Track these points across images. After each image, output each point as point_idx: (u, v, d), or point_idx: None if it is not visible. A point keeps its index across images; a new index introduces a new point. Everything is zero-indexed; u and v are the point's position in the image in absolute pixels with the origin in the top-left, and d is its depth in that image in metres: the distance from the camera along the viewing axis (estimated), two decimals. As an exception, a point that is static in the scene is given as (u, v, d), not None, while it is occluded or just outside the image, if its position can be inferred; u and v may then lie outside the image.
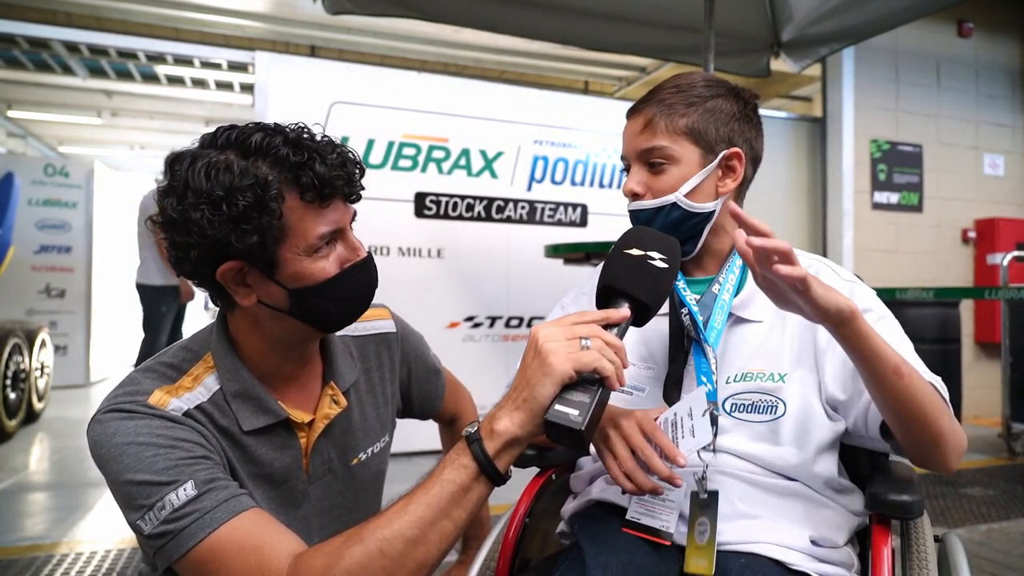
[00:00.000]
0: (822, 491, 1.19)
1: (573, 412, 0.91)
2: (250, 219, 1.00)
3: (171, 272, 5.36)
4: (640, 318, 1.05)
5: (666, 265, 1.07)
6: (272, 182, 1.01)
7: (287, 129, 1.07)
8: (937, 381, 1.14)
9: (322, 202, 1.05)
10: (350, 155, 1.10)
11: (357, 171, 1.10)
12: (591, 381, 0.94)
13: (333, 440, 1.24)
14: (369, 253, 1.15)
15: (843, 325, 1.00)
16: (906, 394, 1.05)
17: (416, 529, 0.92)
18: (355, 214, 1.14)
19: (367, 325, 1.37)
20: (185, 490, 0.97)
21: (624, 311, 1.02)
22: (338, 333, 1.29)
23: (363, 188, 1.13)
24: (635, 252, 1.08)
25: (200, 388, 1.09)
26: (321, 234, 1.06)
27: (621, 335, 1.01)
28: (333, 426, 1.23)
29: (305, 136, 1.07)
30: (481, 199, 5.11)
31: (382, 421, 1.35)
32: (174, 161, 1.06)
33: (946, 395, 1.14)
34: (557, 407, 0.92)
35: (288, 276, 1.06)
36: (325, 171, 1.03)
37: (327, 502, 1.25)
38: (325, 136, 1.10)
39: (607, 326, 1.00)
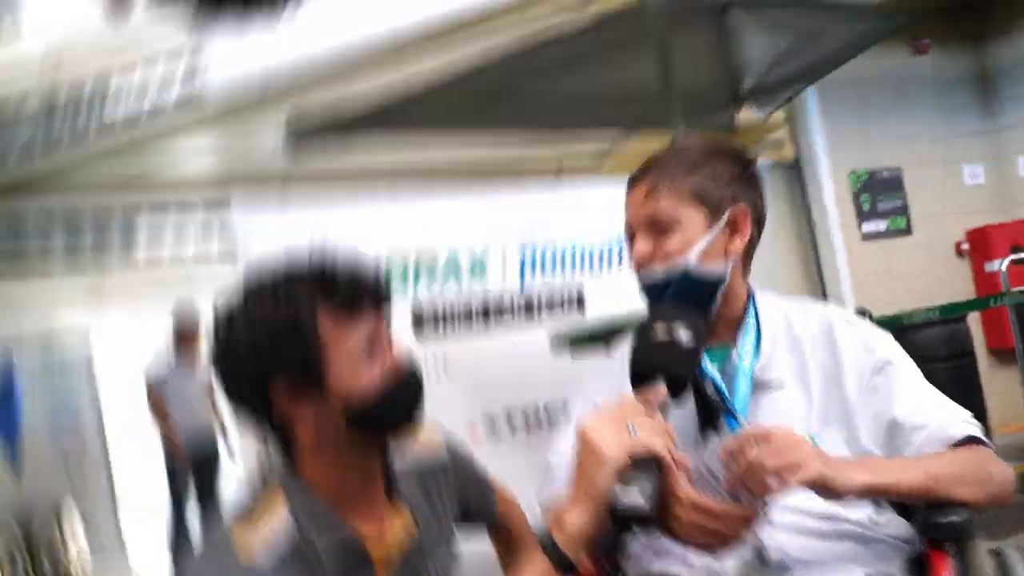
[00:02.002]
0: (868, 526, 1.17)
1: (639, 501, 0.91)
2: (287, 334, 1.02)
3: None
4: (675, 393, 1.05)
5: (692, 335, 1.07)
6: (303, 297, 1.03)
7: (314, 248, 1.10)
8: (970, 425, 1.17)
9: (351, 310, 1.06)
10: (372, 263, 1.12)
11: (381, 277, 1.12)
12: (646, 465, 0.94)
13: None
14: (412, 358, 1.14)
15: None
16: (942, 496, 1.08)
17: None
18: (389, 322, 1.14)
19: (420, 452, 1.30)
20: None
21: (660, 390, 1.02)
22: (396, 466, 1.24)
23: (390, 296, 1.14)
24: (659, 327, 1.08)
25: (276, 524, 1.05)
26: (357, 342, 1.06)
27: (663, 414, 1.01)
28: (409, 559, 1.16)
29: (328, 253, 1.10)
30: (476, 306, 5.06)
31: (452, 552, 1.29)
32: (213, 305, 1.09)
33: (980, 434, 1.17)
34: (621, 498, 0.92)
35: (334, 387, 1.05)
36: (351, 281, 1.07)
37: None
38: (350, 248, 1.13)
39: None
